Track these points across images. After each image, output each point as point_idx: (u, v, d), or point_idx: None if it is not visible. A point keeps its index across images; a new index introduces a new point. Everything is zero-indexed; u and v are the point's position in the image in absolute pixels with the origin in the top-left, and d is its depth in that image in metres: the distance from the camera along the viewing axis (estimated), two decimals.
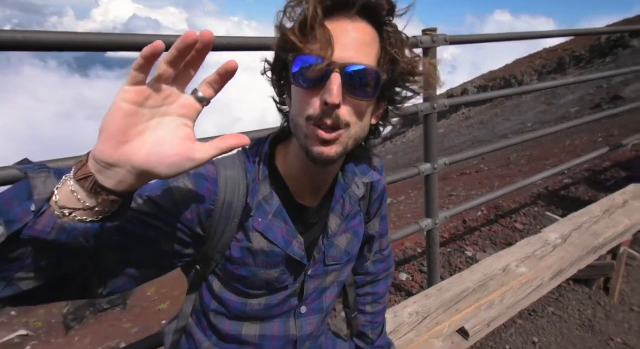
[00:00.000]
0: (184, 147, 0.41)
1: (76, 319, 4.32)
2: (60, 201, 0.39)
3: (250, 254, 0.64)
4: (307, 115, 0.55)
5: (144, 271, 0.57)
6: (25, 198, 0.38)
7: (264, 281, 0.66)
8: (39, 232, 0.38)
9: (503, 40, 2.02)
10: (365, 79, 0.54)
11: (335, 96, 0.51)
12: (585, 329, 1.86)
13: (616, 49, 15.20)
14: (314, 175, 0.65)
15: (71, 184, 0.39)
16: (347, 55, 0.53)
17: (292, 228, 0.66)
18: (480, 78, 21.91)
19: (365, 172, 0.73)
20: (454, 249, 2.61)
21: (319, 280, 0.73)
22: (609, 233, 1.78)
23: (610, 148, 2.84)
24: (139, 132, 0.39)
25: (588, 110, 8.87)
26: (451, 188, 5.24)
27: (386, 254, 0.92)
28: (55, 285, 0.46)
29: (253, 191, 0.63)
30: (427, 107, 1.72)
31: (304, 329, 0.73)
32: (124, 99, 0.38)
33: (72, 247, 0.40)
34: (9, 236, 0.37)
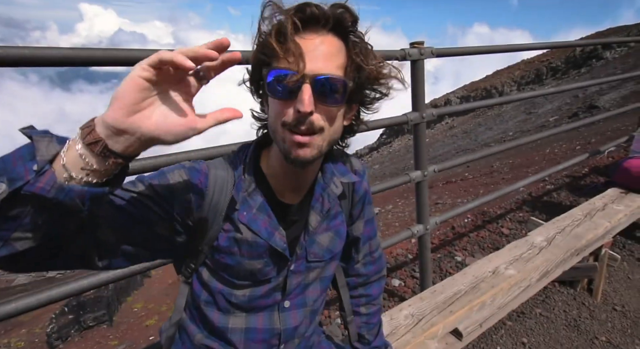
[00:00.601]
0: (187, 118, 0.46)
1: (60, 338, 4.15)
2: (68, 163, 0.42)
3: (236, 244, 0.69)
4: (283, 121, 0.61)
5: (140, 251, 0.61)
6: (29, 159, 0.41)
7: (248, 271, 0.70)
8: (40, 189, 0.40)
9: (487, 52, 2.12)
10: (334, 87, 0.60)
11: (307, 105, 0.57)
12: (572, 329, 1.93)
13: (590, 61, 15.98)
14: (294, 175, 0.71)
15: (79, 148, 0.42)
16: (316, 66, 0.58)
17: (275, 221, 0.71)
18: (462, 89, 22.58)
19: (344, 173, 0.79)
20: (444, 254, 2.67)
21: (301, 276, 0.77)
22: (590, 235, 1.86)
23: (589, 155, 2.98)
24: (149, 103, 0.44)
25: (566, 119, 9.26)
26: (437, 196, 5.35)
27: (376, 256, 0.95)
28: (53, 251, 0.48)
29: (239, 187, 0.69)
30: (416, 117, 1.79)
31: (287, 323, 0.77)
32: (142, 76, 0.42)
33: (68, 208, 0.43)
34: (10, 194, 0.39)
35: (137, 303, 7.47)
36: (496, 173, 5.97)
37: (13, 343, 4.17)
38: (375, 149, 21.78)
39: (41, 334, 4.75)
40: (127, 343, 4.26)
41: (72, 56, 0.92)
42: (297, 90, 0.58)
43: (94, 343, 4.74)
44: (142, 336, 4.68)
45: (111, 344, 4.77)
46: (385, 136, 23.00)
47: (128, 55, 1.01)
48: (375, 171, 13.41)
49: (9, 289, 13.45)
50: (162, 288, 7.56)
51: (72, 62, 0.93)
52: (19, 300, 0.96)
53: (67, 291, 1.01)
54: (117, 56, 0.99)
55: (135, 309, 6.76)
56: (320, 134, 0.61)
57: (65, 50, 0.92)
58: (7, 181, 0.40)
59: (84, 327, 4.77)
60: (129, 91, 0.42)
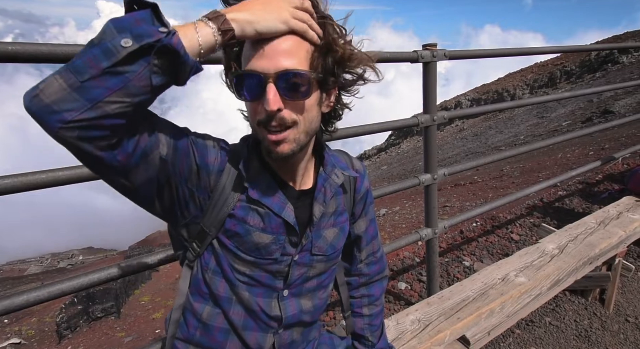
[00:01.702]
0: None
1: (70, 327, 4.24)
2: (201, 36, 0.54)
3: (250, 213, 0.71)
4: (257, 121, 0.63)
5: (163, 181, 0.62)
6: (151, 23, 0.49)
7: (254, 244, 0.71)
8: (177, 44, 0.49)
9: (501, 55, 2.09)
10: (297, 81, 0.61)
11: (272, 104, 0.59)
12: (582, 339, 1.89)
13: (606, 65, 15.65)
14: (281, 166, 0.73)
15: (214, 30, 0.55)
16: (278, 64, 0.59)
17: (283, 196, 0.73)
18: (473, 91, 22.32)
19: (345, 168, 0.82)
20: (452, 259, 2.64)
21: (304, 268, 0.77)
22: (604, 244, 1.82)
23: (603, 161, 2.92)
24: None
25: (580, 124, 9.08)
26: (445, 199, 5.30)
27: (379, 256, 0.96)
28: (124, 131, 0.53)
29: (247, 167, 0.71)
30: (427, 119, 1.77)
31: (287, 311, 0.77)
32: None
33: (176, 75, 0.52)
34: (137, 48, 0.47)
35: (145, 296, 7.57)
36: (506, 177, 5.89)
37: (24, 331, 4.27)
38: (383, 150, 21.69)
39: (51, 324, 4.86)
40: (134, 335, 4.32)
41: None
42: (262, 90, 0.59)
43: (101, 334, 4.83)
44: (148, 328, 4.75)
45: (118, 335, 4.84)
46: (394, 137, 22.88)
47: None
48: (383, 172, 13.36)
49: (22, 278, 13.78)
50: (170, 282, 7.66)
51: None
52: (31, 292, 0.98)
53: (78, 285, 1.02)
54: None
55: (142, 302, 6.85)
56: (295, 127, 0.63)
57: (82, 48, 0.93)
58: (132, 37, 0.46)
59: (93, 318, 4.86)
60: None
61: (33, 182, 0.88)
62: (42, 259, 16.32)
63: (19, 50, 0.84)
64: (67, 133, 0.47)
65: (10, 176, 0.86)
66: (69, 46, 0.92)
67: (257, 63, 0.60)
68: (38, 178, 0.88)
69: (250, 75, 0.60)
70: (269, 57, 0.59)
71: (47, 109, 0.46)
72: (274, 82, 0.59)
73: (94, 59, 0.46)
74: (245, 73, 0.61)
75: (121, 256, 15.22)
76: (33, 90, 0.47)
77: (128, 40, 0.46)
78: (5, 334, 4.13)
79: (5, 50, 0.82)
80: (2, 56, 0.82)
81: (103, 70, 0.46)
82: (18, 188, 0.87)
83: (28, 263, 15.91)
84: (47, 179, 0.89)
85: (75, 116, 0.46)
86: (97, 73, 0.46)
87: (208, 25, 0.54)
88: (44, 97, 0.46)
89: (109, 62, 0.46)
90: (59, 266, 15.71)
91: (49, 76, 0.48)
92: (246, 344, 0.76)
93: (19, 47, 0.85)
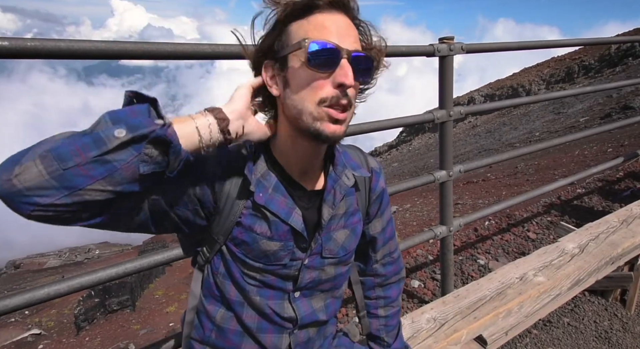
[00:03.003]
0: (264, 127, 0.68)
1: (87, 320, 4.36)
2: (199, 127, 0.56)
3: (257, 221, 0.69)
4: (320, 98, 0.60)
5: (160, 215, 0.61)
6: (147, 115, 0.50)
7: (262, 251, 0.70)
8: (171, 135, 0.50)
9: (519, 48, 2.03)
10: (368, 64, 0.63)
11: (351, 78, 0.59)
12: (602, 341, 1.83)
13: (626, 59, 15.12)
14: (302, 157, 0.70)
15: (210, 119, 0.58)
16: (350, 43, 0.61)
17: (291, 200, 0.70)
18: (487, 87, 21.89)
19: (355, 168, 0.78)
20: (466, 257, 2.59)
21: (316, 272, 0.75)
22: (627, 244, 1.75)
23: (626, 158, 2.82)
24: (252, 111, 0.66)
25: (598, 120, 8.80)
26: (457, 196, 5.21)
27: (396, 256, 0.93)
28: (104, 208, 0.51)
29: (252, 169, 0.69)
30: (443, 115, 1.73)
31: (301, 312, 0.76)
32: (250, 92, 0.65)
33: (167, 163, 0.51)
34: (129, 139, 0.46)
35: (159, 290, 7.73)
36: (520, 175, 5.75)
37: (44, 322, 4.42)
38: (394, 147, 21.51)
39: (69, 316, 5.02)
40: (149, 328, 4.42)
41: (105, 49, 0.94)
42: (336, 64, 0.59)
43: (117, 326, 4.95)
44: (162, 321, 4.85)
45: (134, 328, 4.97)
46: (405, 134, 22.66)
47: (158, 48, 1.02)
48: (395, 169, 13.25)
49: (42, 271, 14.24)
50: (183, 277, 7.79)
51: (105, 55, 0.95)
52: (51, 286, 1.00)
53: (97, 279, 1.04)
54: (148, 49, 1.00)
55: (156, 295, 7.00)
56: (350, 110, 0.63)
57: (99, 43, 0.94)
58: (126, 127, 0.47)
59: (109, 311, 4.99)
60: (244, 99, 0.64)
61: None
62: (61, 253, 16.82)
63: (38, 46, 0.85)
64: (40, 214, 0.46)
65: None
66: (85, 42, 0.93)
67: (331, 37, 0.59)
68: None
69: (330, 47, 0.59)
70: (343, 36, 0.60)
71: (20, 194, 0.44)
72: (348, 58, 0.60)
73: (83, 147, 0.45)
74: (324, 41, 0.59)
75: (136, 250, 15.55)
76: (6, 172, 0.44)
77: (122, 130, 0.46)
78: (26, 325, 4.28)
79: (25, 46, 0.83)
80: (23, 52, 0.83)
81: (90, 159, 0.45)
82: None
83: (47, 256, 16.43)
84: None
85: (50, 201, 0.45)
86: (83, 161, 0.45)
87: (205, 116, 0.58)
88: (17, 183, 0.44)
89: (99, 150, 0.45)
90: (76, 259, 16.17)
91: (25, 156, 0.45)
92: (262, 346, 0.76)
93: (38, 43, 0.86)
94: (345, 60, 0.59)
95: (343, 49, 0.59)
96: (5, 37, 0.82)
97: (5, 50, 0.81)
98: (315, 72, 0.59)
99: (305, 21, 0.61)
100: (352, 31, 0.63)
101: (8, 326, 5.41)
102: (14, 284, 12.18)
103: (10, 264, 15.69)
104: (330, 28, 0.60)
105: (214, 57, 1.12)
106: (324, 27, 0.60)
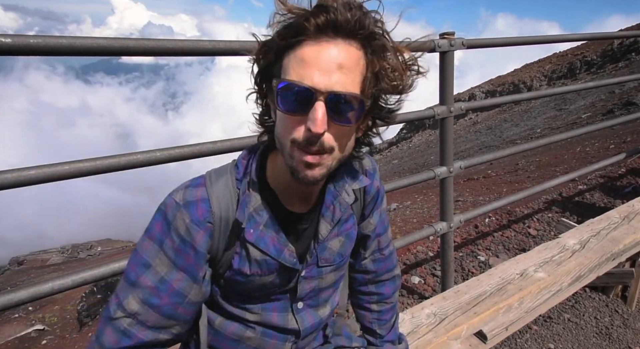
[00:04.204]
0: None
1: (90, 315, 4.39)
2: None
3: (246, 263, 0.67)
4: (292, 138, 0.56)
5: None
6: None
7: (258, 285, 0.70)
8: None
9: (521, 44, 2.02)
10: (350, 106, 0.54)
11: (319, 126, 0.52)
12: (603, 337, 1.84)
13: (629, 54, 15.01)
14: (301, 187, 0.66)
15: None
16: (331, 81, 0.52)
17: (283, 238, 0.68)
18: (488, 83, 21.79)
19: (355, 178, 0.73)
20: (467, 253, 2.60)
21: (315, 281, 0.75)
22: (628, 240, 1.76)
23: (628, 154, 2.81)
24: None
25: (600, 116, 8.76)
26: (458, 193, 5.20)
27: (386, 253, 0.90)
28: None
29: (243, 202, 0.64)
30: (444, 111, 1.73)
31: (304, 323, 0.76)
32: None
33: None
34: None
35: None
36: (521, 171, 5.74)
37: (47, 318, 4.45)
38: (394, 144, 21.46)
39: (72, 312, 5.05)
40: None
41: (106, 46, 0.94)
42: (310, 106, 0.53)
43: None
44: None
45: None
46: (405, 131, 22.60)
47: (159, 45, 1.02)
48: (395, 166, 13.24)
49: (44, 268, 14.32)
50: None
51: (106, 51, 0.95)
52: (55, 281, 1.01)
53: (100, 274, 1.05)
54: (149, 46, 1.00)
55: None
56: (331, 153, 0.57)
57: (101, 40, 0.94)
58: None
59: None
60: None
61: (56, 173, 0.90)
62: (63, 250, 16.91)
63: (41, 43, 0.85)
64: None
65: (35, 167, 0.88)
66: (87, 39, 0.93)
67: (307, 73, 0.52)
68: (61, 169, 0.90)
69: (299, 88, 0.53)
70: (323, 70, 0.52)
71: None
72: (324, 100, 0.53)
73: None
74: (295, 83, 0.53)
75: None
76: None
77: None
78: (29, 320, 4.32)
79: (27, 43, 0.84)
80: (25, 49, 0.83)
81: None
82: (42, 179, 0.89)
83: (50, 253, 16.51)
84: (70, 170, 0.91)
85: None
86: None
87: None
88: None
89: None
90: (79, 256, 16.24)
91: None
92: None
93: (41, 40, 0.86)
94: (321, 103, 0.52)
95: (317, 90, 0.52)
96: (8, 34, 0.82)
97: (8, 47, 0.82)
98: (287, 115, 0.55)
99: (292, 54, 0.55)
100: (346, 63, 0.53)
101: (12, 321, 5.47)
102: (18, 280, 12.27)
103: (13, 261, 15.79)
104: (311, 62, 0.52)
105: (215, 53, 1.13)
106: (303, 61, 0.53)
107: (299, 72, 0.53)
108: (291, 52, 0.55)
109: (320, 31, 0.53)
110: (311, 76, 0.52)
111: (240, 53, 1.15)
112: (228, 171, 0.68)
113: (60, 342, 3.98)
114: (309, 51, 0.53)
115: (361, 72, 0.56)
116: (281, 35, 0.54)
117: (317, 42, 0.53)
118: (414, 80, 0.61)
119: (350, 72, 0.54)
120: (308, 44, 0.53)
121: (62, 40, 0.89)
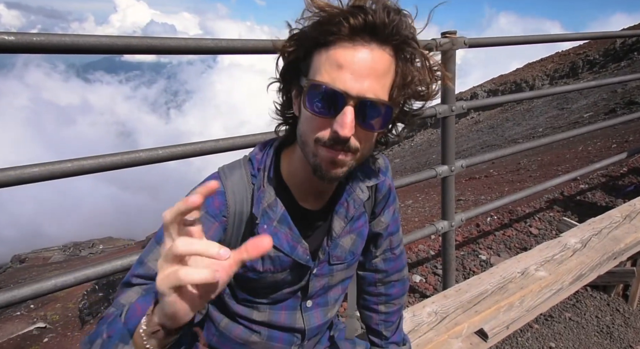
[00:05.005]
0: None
1: (91, 313, 4.41)
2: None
3: (259, 259, 0.66)
4: (316, 138, 0.56)
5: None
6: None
7: (270, 282, 0.70)
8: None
9: (523, 43, 2.02)
10: (378, 113, 0.55)
11: (348, 130, 0.52)
12: (604, 336, 1.84)
13: (632, 54, 14.94)
14: (317, 183, 0.66)
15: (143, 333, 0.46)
16: (363, 87, 0.52)
17: (297, 234, 0.67)
18: (490, 82, 21.72)
19: (369, 175, 0.74)
20: (468, 252, 2.60)
21: (325, 278, 0.75)
22: (630, 239, 1.75)
23: (630, 153, 2.80)
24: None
25: (602, 115, 8.73)
26: (459, 192, 5.20)
27: (397, 253, 0.91)
28: None
29: (258, 198, 0.64)
30: (445, 110, 1.73)
31: (311, 322, 0.76)
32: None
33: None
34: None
35: None
36: (523, 171, 5.73)
37: (49, 316, 4.47)
38: (396, 143, 21.41)
39: (74, 309, 5.08)
40: None
41: (109, 44, 0.94)
42: (338, 109, 0.53)
43: None
44: None
45: None
46: (407, 130, 22.55)
47: (162, 43, 1.02)
48: (397, 165, 13.22)
49: (46, 266, 14.38)
50: None
51: (109, 50, 0.95)
52: (58, 277, 1.01)
53: (102, 271, 1.06)
54: (152, 44, 1.00)
55: None
56: (355, 154, 0.58)
57: (104, 38, 0.94)
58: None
59: None
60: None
61: (59, 171, 0.90)
62: (65, 248, 16.98)
63: (44, 41, 0.86)
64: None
65: (38, 165, 0.89)
66: (90, 37, 0.93)
67: (340, 76, 0.52)
68: (64, 167, 0.90)
69: (331, 91, 0.52)
70: (357, 75, 0.52)
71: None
72: (354, 105, 0.52)
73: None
74: (327, 86, 0.52)
75: (139, 245, 15.67)
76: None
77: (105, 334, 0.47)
78: (31, 318, 4.33)
79: (31, 41, 0.84)
80: (29, 47, 0.84)
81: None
82: (45, 176, 0.89)
83: (52, 251, 16.58)
84: (73, 168, 0.91)
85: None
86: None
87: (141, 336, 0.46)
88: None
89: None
90: (80, 254, 16.30)
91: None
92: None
93: (44, 38, 0.86)
94: (350, 108, 0.52)
95: (349, 94, 0.52)
96: (11, 32, 0.82)
97: (12, 45, 0.82)
98: (315, 115, 0.55)
99: (325, 53, 0.54)
100: (379, 68, 0.53)
101: (14, 319, 5.50)
102: (19, 278, 12.32)
103: (15, 259, 15.87)
104: (344, 65, 0.52)
105: (218, 51, 1.13)
106: (338, 64, 0.52)
107: (331, 74, 0.52)
108: (323, 50, 0.54)
109: (355, 33, 0.52)
110: (344, 80, 0.52)
111: (242, 51, 1.15)
112: (242, 165, 0.67)
113: (61, 340, 3.99)
114: (343, 53, 0.52)
115: (391, 78, 0.56)
116: (314, 32, 0.54)
117: (352, 45, 0.52)
118: (439, 86, 0.61)
119: (381, 78, 0.54)
120: (342, 46, 0.53)
121: (65, 38, 0.89)
